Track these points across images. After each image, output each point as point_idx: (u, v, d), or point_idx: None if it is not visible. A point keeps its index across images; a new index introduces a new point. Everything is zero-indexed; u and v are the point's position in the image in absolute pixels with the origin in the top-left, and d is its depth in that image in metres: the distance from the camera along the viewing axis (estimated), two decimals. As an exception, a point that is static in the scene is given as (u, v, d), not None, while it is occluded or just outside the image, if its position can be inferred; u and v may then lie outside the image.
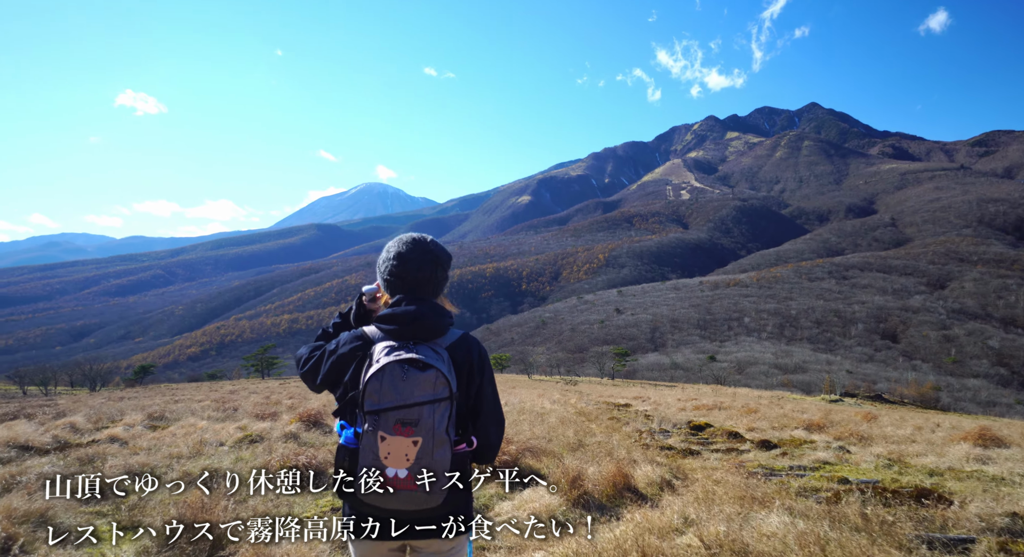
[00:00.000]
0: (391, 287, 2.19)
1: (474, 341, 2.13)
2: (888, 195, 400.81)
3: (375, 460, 1.85)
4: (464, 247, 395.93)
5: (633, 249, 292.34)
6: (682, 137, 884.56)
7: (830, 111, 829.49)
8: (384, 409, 1.84)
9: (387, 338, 2.00)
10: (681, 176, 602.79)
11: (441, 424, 1.86)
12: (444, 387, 1.88)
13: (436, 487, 1.86)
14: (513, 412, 13.23)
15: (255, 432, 7.27)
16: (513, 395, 23.13)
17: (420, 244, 2.17)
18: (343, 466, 1.95)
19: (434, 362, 1.90)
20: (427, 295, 2.14)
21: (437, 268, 2.16)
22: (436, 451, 1.85)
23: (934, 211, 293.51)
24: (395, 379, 1.86)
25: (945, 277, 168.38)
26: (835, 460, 6.42)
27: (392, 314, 2.04)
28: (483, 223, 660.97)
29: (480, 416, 2.08)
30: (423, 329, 2.01)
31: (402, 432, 1.83)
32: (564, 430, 8.58)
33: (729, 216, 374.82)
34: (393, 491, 1.85)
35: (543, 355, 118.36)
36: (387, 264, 2.20)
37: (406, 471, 1.83)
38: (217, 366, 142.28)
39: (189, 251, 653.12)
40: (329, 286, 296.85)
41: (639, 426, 10.85)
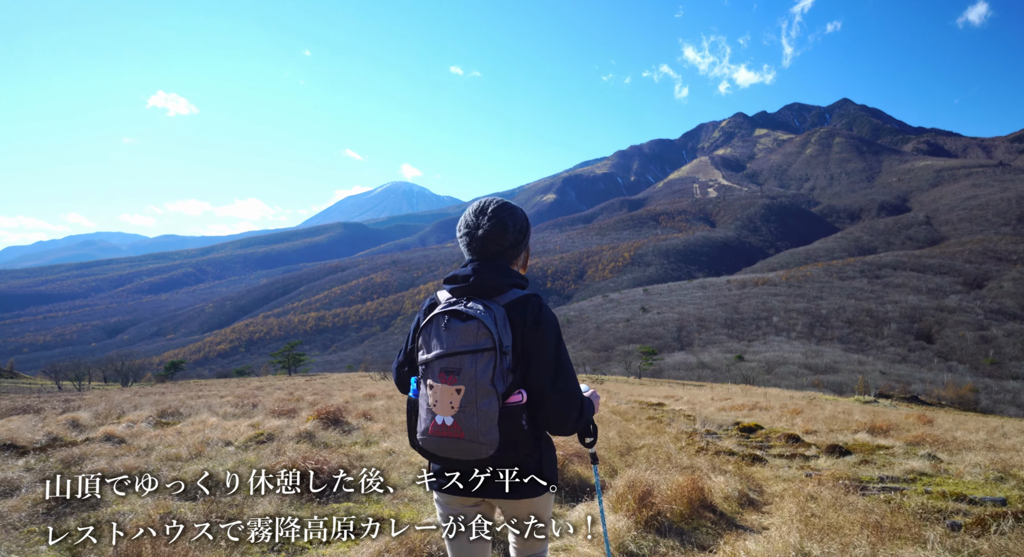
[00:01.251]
0: (465, 253, 2.23)
1: (536, 302, 2.10)
2: (923, 193, 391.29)
3: (428, 407, 1.93)
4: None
5: (659, 247, 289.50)
6: (709, 134, 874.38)
7: (862, 107, 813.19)
8: (430, 359, 1.93)
9: (450, 297, 2.08)
10: (708, 174, 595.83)
11: (484, 374, 1.89)
12: (486, 338, 1.91)
13: (484, 437, 1.88)
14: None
15: (268, 430, 6.65)
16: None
17: (480, 218, 2.18)
18: (411, 416, 2.06)
19: (477, 314, 1.94)
20: (496, 259, 2.17)
21: (501, 239, 2.15)
22: (480, 401, 1.88)
23: (971, 209, 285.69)
24: (439, 329, 1.94)
25: (982, 276, 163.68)
26: (930, 470, 5.57)
27: (453, 275, 2.12)
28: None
29: (539, 379, 2.03)
30: (480, 287, 2.05)
31: (446, 380, 1.88)
32: (605, 431, 7.83)
33: (757, 214, 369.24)
34: (443, 438, 1.89)
35: (569, 353, 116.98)
36: (458, 237, 2.24)
37: (451, 419, 1.88)
38: (246, 363, 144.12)
39: (219, 250, 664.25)
40: (355, 284, 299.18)
41: (683, 427, 10.02)
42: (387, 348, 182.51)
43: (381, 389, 20.00)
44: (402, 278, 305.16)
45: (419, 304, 66.10)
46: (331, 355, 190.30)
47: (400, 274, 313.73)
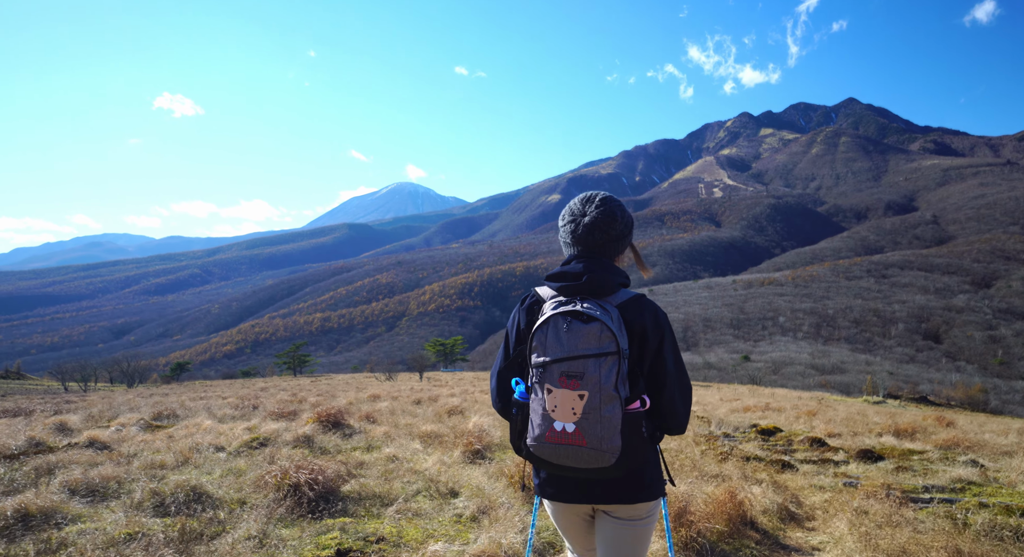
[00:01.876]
0: (566, 249, 2.15)
1: (649, 302, 2.02)
2: (929, 192, 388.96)
3: (544, 413, 1.83)
4: (494, 246, 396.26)
5: (664, 247, 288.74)
6: (715, 134, 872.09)
7: (868, 106, 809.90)
8: (549, 361, 1.83)
9: (557, 295, 1.99)
10: (713, 174, 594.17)
11: (608, 379, 1.80)
12: (610, 341, 1.82)
13: (607, 444, 1.79)
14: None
15: (264, 434, 6.28)
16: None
17: (587, 206, 2.10)
18: (517, 420, 1.97)
19: (599, 316, 1.84)
20: (601, 255, 2.08)
21: (609, 228, 2.06)
22: (604, 407, 1.79)
23: (979, 208, 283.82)
24: (558, 331, 1.85)
25: (991, 276, 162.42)
26: (978, 479, 5.14)
27: (561, 271, 2.02)
28: (513, 222, 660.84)
29: (660, 381, 1.97)
30: (590, 285, 1.95)
31: (567, 385, 1.80)
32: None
33: (763, 214, 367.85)
34: (561, 445, 1.81)
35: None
36: (560, 227, 2.17)
37: (573, 425, 1.79)
38: (252, 363, 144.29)
39: (225, 251, 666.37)
40: (360, 285, 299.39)
41: (699, 430, 9.61)
42: (392, 349, 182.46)
43: (386, 390, 19.67)
44: (407, 279, 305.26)
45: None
46: (336, 356, 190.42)
47: (405, 275, 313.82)
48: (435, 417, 9.25)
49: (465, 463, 5.27)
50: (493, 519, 3.68)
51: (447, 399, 15.02)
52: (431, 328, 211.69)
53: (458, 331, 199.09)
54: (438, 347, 79.59)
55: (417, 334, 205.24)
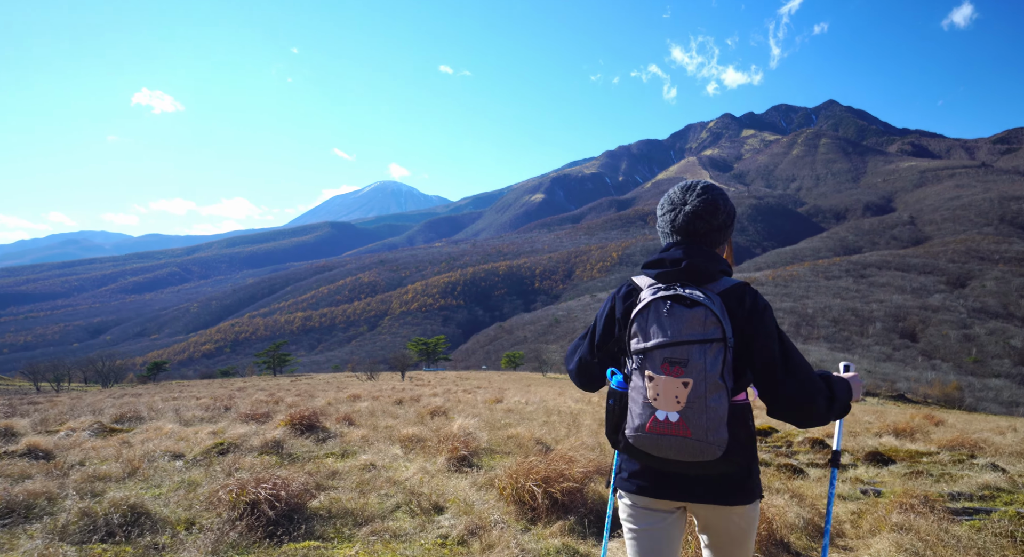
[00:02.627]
0: (664, 239, 2.06)
1: (751, 290, 1.90)
2: (907, 193, 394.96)
3: (644, 401, 1.74)
4: (477, 245, 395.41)
5: (647, 247, 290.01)
6: (697, 135, 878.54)
7: (848, 108, 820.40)
8: (650, 347, 1.75)
9: (655, 282, 1.90)
10: (696, 174, 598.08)
11: (714, 367, 1.70)
12: (715, 327, 1.73)
13: (713, 436, 1.69)
14: (540, 412, 11.69)
15: (231, 439, 5.75)
16: (531, 393, 21.67)
17: (688, 195, 2.01)
18: (614, 411, 1.88)
19: (703, 300, 1.75)
20: (702, 241, 1.98)
21: (711, 218, 1.97)
22: (710, 396, 1.69)
23: (954, 209, 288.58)
24: (660, 315, 1.76)
25: (965, 276, 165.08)
26: (1006, 485, 4.79)
27: (659, 258, 1.95)
28: (496, 221, 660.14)
29: (771, 373, 1.81)
30: (690, 272, 1.87)
31: (671, 372, 1.71)
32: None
33: (744, 214, 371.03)
34: (664, 436, 1.71)
35: (557, 353, 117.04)
36: (659, 217, 2.09)
37: (677, 415, 1.69)
38: (231, 363, 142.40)
39: (204, 249, 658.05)
40: (343, 284, 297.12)
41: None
42: (374, 348, 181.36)
43: (367, 390, 19.10)
44: (390, 278, 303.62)
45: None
46: (318, 355, 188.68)
47: (388, 274, 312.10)
48: (417, 419, 8.77)
49: (450, 471, 4.80)
50: (485, 543, 3.20)
51: (430, 399, 14.53)
52: (414, 327, 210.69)
53: (441, 330, 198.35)
54: (420, 346, 78.94)
55: (399, 333, 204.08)
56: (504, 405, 13.27)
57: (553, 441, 6.56)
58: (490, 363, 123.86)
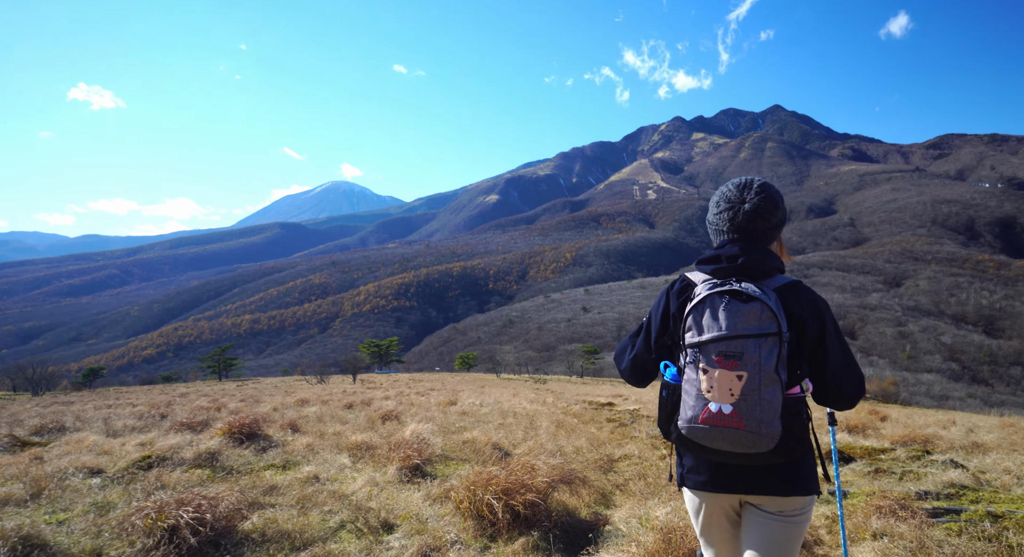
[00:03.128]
0: (718, 237, 2.08)
1: (807, 288, 1.93)
2: (847, 196, 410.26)
3: (698, 394, 1.76)
4: (431, 246, 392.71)
5: (600, 248, 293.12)
6: (649, 137, 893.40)
7: (793, 113, 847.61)
8: (705, 341, 1.77)
9: (710, 278, 1.93)
10: (648, 176, 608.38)
11: (769, 361, 1.72)
12: (771, 321, 1.75)
13: (767, 428, 1.70)
14: (495, 414, 11.39)
15: (160, 451, 5.25)
16: (486, 394, 21.36)
17: (746, 193, 2.03)
18: (667, 403, 1.90)
19: (759, 295, 1.78)
20: (760, 238, 2.01)
21: (771, 215, 1.99)
22: (764, 389, 1.71)
23: (891, 212, 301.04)
24: (715, 309, 1.80)
25: (901, 275, 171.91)
26: (970, 482, 4.72)
27: (715, 254, 1.98)
28: (450, 222, 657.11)
29: (823, 369, 1.87)
30: (747, 268, 1.90)
31: (725, 365, 1.73)
32: (573, 439, 6.77)
33: (694, 216, 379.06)
34: (716, 428, 1.73)
35: (511, 354, 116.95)
36: (713, 215, 2.11)
37: (731, 407, 1.71)
38: (174, 368, 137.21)
39: (146, 250, 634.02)
40: (292, 286, 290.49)
41: (650, 431, 9.07)
42: (325, 351, 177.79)
43: (316, 394, 18.45)
44: (342, 279, 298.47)
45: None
46: (266, 359, 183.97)
47: (340, 275, 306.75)
48: (367, 424, 8.35)
49: (402, 483, 4.42)
50: (442, 567, 2.83)
51: (381, 403, 14.09)
52: (366, 329, 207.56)
53: (394, 332, 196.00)
54: (373, 348, 77.75)
55: (351, 336, 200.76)
56: (458, 407, 12.93)
57: (511, 445, 6.27)
58: (444, 364, 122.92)
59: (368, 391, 23.48)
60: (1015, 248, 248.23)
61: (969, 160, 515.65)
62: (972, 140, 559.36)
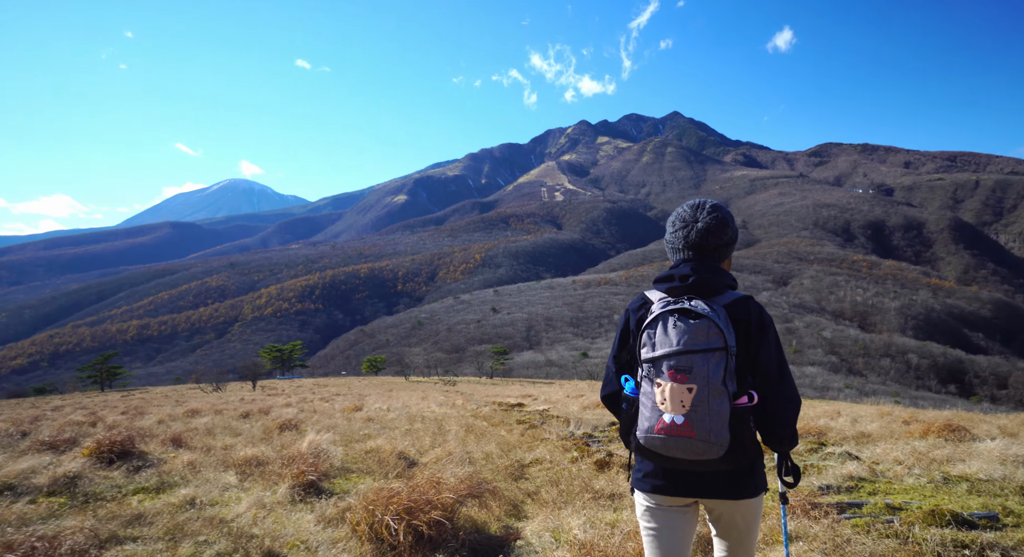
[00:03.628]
0: (674, 254, 2.26)
1: (755, 304, 2.10)
2: (740, 199, 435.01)
3: (653, 405, 1.92)
4: (337, 247, 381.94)
5: (509, 249, 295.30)
6: (556, 140, 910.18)
7: (690, 120, 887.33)
8: (658, 356, 1.93)
9: (665, 297, 2.08)
10: (555, 178, 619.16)
11: (716, 374, 1.89)
12: (717, 337, 1.91)
13: (715, 437, 1.87)
14: (402, 419, 10.96)
15: (7, 476, 4.50)
16: (394, 398, 20.80)
17: (698, 212, 2.22)
18: (627, 414, 2.06)
19: (706, 313, 1.95)
20: (712, 256, 2.19)
21: (722, 233, 2.18)
22: (713, 400, 1.87)
23: (778, 215, 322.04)
24: (667, 326, 1.95)
25: (788, 275, 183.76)
26: (867, 474, 4.87)
27: (669, 274, 2.14)
28: (357, 222, 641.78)
29: (760, 381, 2.04)
30: (698, 286, 2.06)
31: (676, 379, 1.89)
32: (483, 444, 6.50)
33: (600, 217, 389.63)
34: (671, 437, 1.88)
35: (420, 356, 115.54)
36: (669, 234, 2.28)
37: (683, 417, 1.87)
38: (49, 379, 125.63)
39: (16, 251, 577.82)
40: (186, 289, 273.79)
41: (560, 432, 8.97)
42: (223, 357, 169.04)
43: (211, 403, 17.21)
44: (241, 281, 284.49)
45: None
46: (156, 367, 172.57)
47: (239, 277, 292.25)
48: (263, 435, 7.73)
49: (294, 503, 3.94)
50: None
51: (281, 411, 13.29)
52: (268, 333, 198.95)
53: (298, 336, 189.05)
54: (274, 353, 74.59)
55: (252, 340, 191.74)
56: (364, 413, 12.40)
57: (417, 453, 5.93)
58: (351, 368, 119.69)
59: (269, 398, 22.28)
60: (884, 249, 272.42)
61: (845, 167, 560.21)
62: (847, 149, 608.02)
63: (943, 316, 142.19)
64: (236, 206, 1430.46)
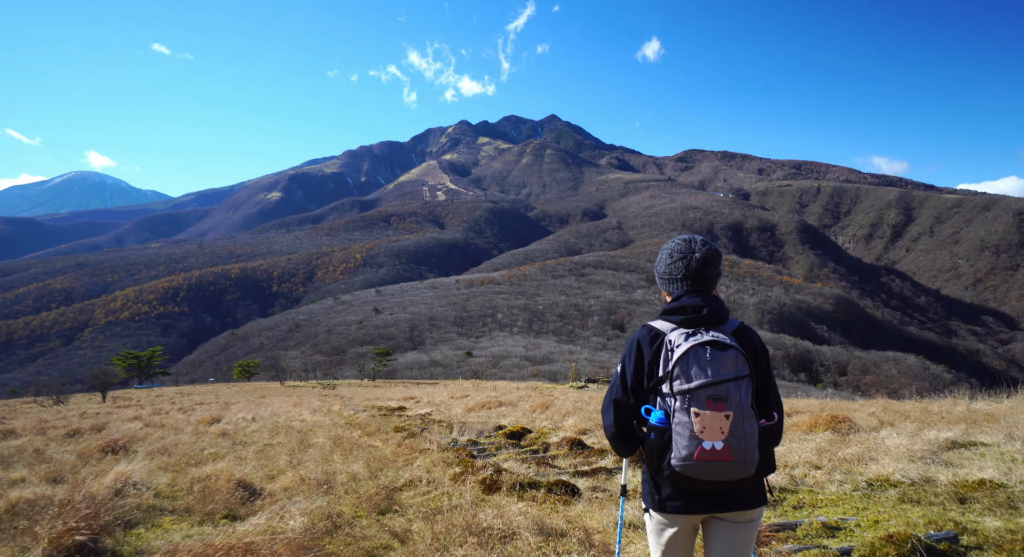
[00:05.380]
0: (672, 284, 2.39)
1: (750, 328, 2.31)
2: (615, 201, 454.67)
3: (691, 435, 2.02)
4: (204, 246, 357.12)
5: (391, 249, 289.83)
6: (437, 139, 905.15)
7: (567, 123, 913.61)
8: (695, 387, 2.04)
9: (678, 328, 2.22)
10: (437, 177, 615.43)
11: (747, 399, 2.05)
12: (744, 365, 2.09)
13: (750, 457, 2.02)
14: (264, 432, 9.79)
15: None
16: (264, 406, 19.27)
17: (693, 244, 2.36)
18: (656, 445, 2.13)
19: (733, 343, 2.11)
20: (710, 285, 2.37)
21: (717, 264, 2.37)
22: (746, 424, 2.02)
23: (649, 216, 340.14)
24: (700, 360, 2.07)
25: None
26: (787, 483, 4.49)
27: (682, 306, 2.26)
28: (227, 220, 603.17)
29: (770, 398, 2.25)
30: (711, 317, 2.21)
31: (714, 407, 2.01)
32: (348, 462, 5.59)
33: (482, 217, 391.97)
34: (710, 462, 2.00)
35: (297, 359, 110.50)
36: (666, 265, 2.40)
37: (722, 443, 1.99)
38: None
39: None
40: (24, 291, 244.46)
41: (441, 440, 8.25)
42: (71, 366, 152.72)
43: (41, 421, 14.75)
44: (92, 283, 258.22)
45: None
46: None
47: (89, 279, 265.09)
48: (76, 462, 6.37)
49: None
50: None
51: (122, 426, 11.60)
52: (125, 339, 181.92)
53: (160, 341, 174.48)
54: (130, 360, 68.12)
55: (106, 347, 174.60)
56: (220, 426, 11.01)
57: (265, 479, 4.95)
58: (221, 375, 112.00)
59: (117, 411, 20.13)
60: (743, 249, 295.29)
61: (708, 173, 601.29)
62: (709, 156, 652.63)
63: (793, 310, 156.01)
64: (84, 201, 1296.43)
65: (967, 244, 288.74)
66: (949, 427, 6.39)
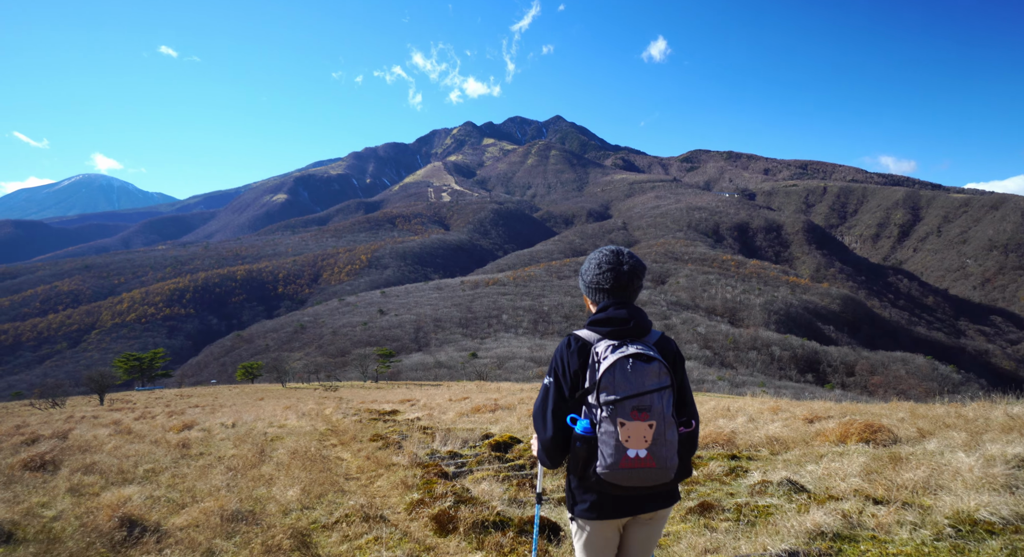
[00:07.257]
0: (598, 294, 2.46)
1: (670, 338, 2.42)
2: (620, 202, 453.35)
3: (616, 444, 2.12)
4: (210, 248, 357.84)
5: (396, 250, 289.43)
6: (442, 141, 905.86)
7: (572, 124, 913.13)
8: (620, 398, 2.14)
9: (604, 339, 2.30)
10: (442, 179, 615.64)
11: (668, 409, 2.16)
12: (667, 376, 2.20)
13: (670, 463, 2.15)
14: (231, 441, 9.00)
15: None
16: (255, 409, 18.63)
17: (621, 256, 2.45)
18: (581, 452, 2.21)
19: (656, 355, 2.22)
20: (634, 296, 2.46)
21: (642, 275, 2.46)
22: (668, 432, 2.14)
23: (655, 217, 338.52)
24: (626, 372, 2.16)
25: (665, 274, 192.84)
26: (841, 526, 3.09)
27: (608, 317, 2.34)
28: (233, 222, 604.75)
29: (687, 405, 2.37)
30: (636, 329, 2.31)
31: (639, 417, 2.11)
32: (288, 485, 4.71)
33: (487, 218, 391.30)
34: (634, 469, 2.11)
35: (301, 361, 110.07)
36: (594, 274, 2.46)
37: (645, 451, 2.10)
38: None
39: None
40: (32, 294, 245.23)
41: (418, 450, 7.46)
42: (77, 368, 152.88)
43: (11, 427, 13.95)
44: (98, 286, 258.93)
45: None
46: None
47: (96, 281, 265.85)
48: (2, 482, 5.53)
49: None
50: None
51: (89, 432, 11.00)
52: (131, 341, 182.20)
53: (166, 343, 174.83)
54: (132, 362, 67.68)
55: (112, 349, 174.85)
56: (189, 433, 10.31)
57: (172, 510, 4.11)
58: (225, 376, 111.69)
59: (104, 414, 19.80)
60: (749, 249, 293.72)
61: (713, 173, 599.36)
62: (715, 156, 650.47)
63: (800, 311, 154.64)
64: (91, 204, 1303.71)
65: (975, 244, 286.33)
66: (1006, 438, 5.35)
